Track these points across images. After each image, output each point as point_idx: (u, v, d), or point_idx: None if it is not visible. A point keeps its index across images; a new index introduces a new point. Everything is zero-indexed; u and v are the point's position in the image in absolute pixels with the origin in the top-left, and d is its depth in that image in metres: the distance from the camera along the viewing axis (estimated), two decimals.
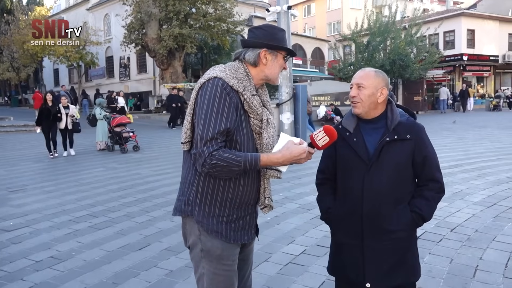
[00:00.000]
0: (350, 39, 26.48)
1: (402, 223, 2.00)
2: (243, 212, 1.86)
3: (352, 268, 2.05)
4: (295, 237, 4.49)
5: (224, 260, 1.80)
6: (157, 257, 4.03)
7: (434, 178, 2.05)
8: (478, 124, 17.94)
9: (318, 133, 1.87)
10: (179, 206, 1.86)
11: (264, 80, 1.92)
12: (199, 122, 1.71)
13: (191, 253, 1.87)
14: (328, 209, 2.14)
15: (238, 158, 1.68)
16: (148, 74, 30.84)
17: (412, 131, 2.01)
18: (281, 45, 1.89)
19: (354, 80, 2.04)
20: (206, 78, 1.77)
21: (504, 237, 4.44)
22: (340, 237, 2.11)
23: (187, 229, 1.85)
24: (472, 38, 33.43)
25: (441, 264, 3.76)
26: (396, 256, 2.01)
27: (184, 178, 1.87)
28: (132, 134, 11.32)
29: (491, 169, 8.11)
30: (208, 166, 1.67)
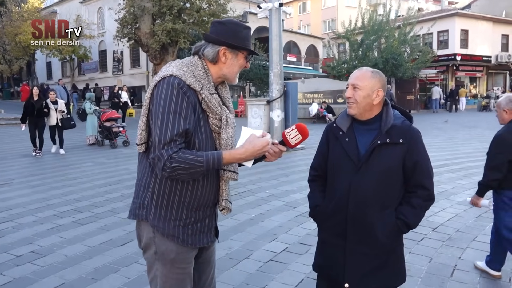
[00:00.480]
0: (344, 37, 26.50)
1: (386, 230, 1.96)
2: (202, 214, 1.80)
3: (333, 267, 2.05)
4: (278, 234, 4.51)
5: (178, 264, 1.75)
6: (138, 253, 3.99)
7: (423, 185, 1.98)
8: (469, 124, 18.07)
9: (290, 131, 1.83)
10: (134, 209, 1.80)
11: (222, 78, 1.83)
12: (156, 124, 1.62)
13: (144, 254, 1.83)
14: (316, 206, 2.13)
15: (200, 158, 1.61)
16: (142, 68, 30.68)
17: (406, 135, 1.96)
18: (243, 45, 1.78)
19: (350, 81, 2.00)
20: (161, 76, 1.67)
21: (485, 237, 4.47)
22: (325, 235, 2.12)
23: (141, 230, 1.80)
24: (466, 38, 33.61)
25: (420, 263, 3.79)
26: (378, 260, 1.98)
27: (139, 180, 1.79)
28: (122, 129, 11.27)
29: (478, 169, 8.16)
30: (168, 170, 1.59)
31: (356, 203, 1.96)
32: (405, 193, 2.02)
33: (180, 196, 1.72)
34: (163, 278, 1.75)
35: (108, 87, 32.16)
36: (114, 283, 3.39)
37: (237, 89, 26.16)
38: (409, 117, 2.08)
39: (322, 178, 2.16)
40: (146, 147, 1.74)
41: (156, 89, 1.66)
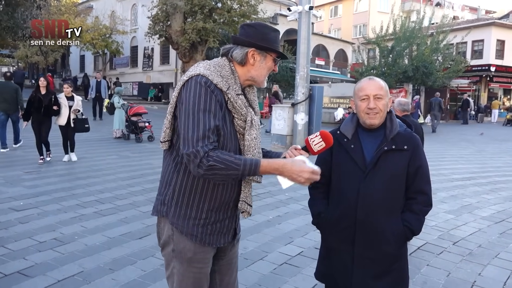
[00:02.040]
0: (374, 42, 26.10)
1: (393, 235, 2.01)
2: (222, 215, 1.79)
3: (341, 274, 2.06)
4: (294, 238, 4.50)
5: (195, 263, 1.74)
6: (155, 247, 4.08)
7: (423, 191, 2.06)
8: (499, 138, 17.52)
9: (314, 137, 1.81)
10: (156, 206, 1.81)
11: (250, 81, 1.82)
12: (187, 121, 1.61)
13: (162, 251, 1.83)
14: (320, 213, 2.14)
15: (237, 161, 1.57)
16: (171, 66, 31.14)
17: (410, 142, 2.04)
18: (272, 46, 1.78)
19: (369, 92, 1.99)
20: (189, 75, 1.68)
21: (508, 254, 4.35)
22: (331, 242, 2.11)
23: (161, 227, 1.81)
24: (502, 49, 32.58)
25: (438, 277, 3.71)
26: (384, 266, 2.02)
27: (162, 177, 1.80)
28: (148, 124, 11.47)
29: (505, 184, 7.94)
30: (204, 167, 1.55)
31: (364, 209, 1.99)
32: (406, 200, 2.07)
33: (201, 195, 1.72)
34: (179, 277, 1.75)
35: (137, 82, 32.83)
36: (130, 274, 3.47)
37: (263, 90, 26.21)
38: (408, 125, 2.15)
39: (324, 185, 2.16)
40: (169, 145, 1.75)
41: (184, 88, 1.66)
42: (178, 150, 1.70)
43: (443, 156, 11.32)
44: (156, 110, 24.07)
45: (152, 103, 28.62)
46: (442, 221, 5.38)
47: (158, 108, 25.66)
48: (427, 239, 4.64)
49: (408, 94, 25.03)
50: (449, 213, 5.76)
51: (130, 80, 34.02)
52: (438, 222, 5.33)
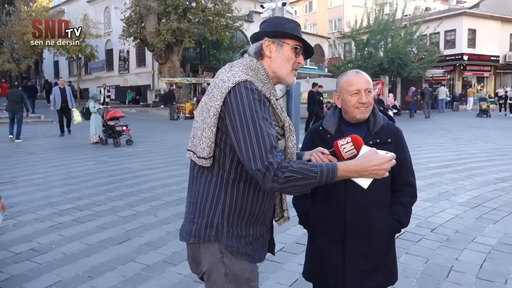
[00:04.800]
0: (349, 36, 26.40)
1: (384, 230, 2.00)
2: (264, 228, 1.71)
3: (332, 274, 2.02)
4: (275, 234, 4.49)
5: (252, 282, 1.63)
6: (135, 251, 4.05)
7: (409, 183, 2.05)
8: (475, 125, 17.95)
9: (345, 144, 1.69)
10: (195, 230, 1.60)
11: (276, 79, 1.66)
12: (248, 132, 1.45)
13: (208, 280, 1.63)
14: (308, 213, 2.10)
15: (313, 168, 1.45)
16: (147, 68, 30.83)
17: (393, 135, 2.02)
18: (285, 31, 1.63)
19: (360, 86, 1.94)
20: (234, 81, 1.51)
21: (484, 238, 4.46)
22: (320, 242, 2.07)
23: (200, 252, 1.62)
24: (473, 38, 33.38)
25: (416, 264, 3.78)
26: (375, 261, 2.01)
27: (198, 197, 1.62)
28: (125, 128, 11.33)
29: (481, 170, 8.13)
30: (280, 181, 1.42)
31: (353, 206, 1.96)
32: (392, 192, 2.05)
33: (251, 209, 1.61)
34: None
35: (114, 86, 32.37)
36: (109, 281, 3.42)
37: None
38: (390, 118, 2.13)
39: None
40: (212, 162, 1.58)
41: (233, 96, 1.50)
42: (223, 166, 1.57)
43: (420, 145, 11.52)
44: (134, 113, 23.85)
45: (130, 106, 28.28)
46: (420, 209, 5.47)
47: (136, 111, 25.40)
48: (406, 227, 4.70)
49: (385, 86, 25.41)
50: (427, 201, 5.87)
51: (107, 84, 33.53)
52: (417, 210, 5.41)
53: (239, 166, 1.57)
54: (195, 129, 1.63)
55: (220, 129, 1.54)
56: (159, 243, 4.25)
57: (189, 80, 22.40)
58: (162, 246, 4.18)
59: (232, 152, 1.55)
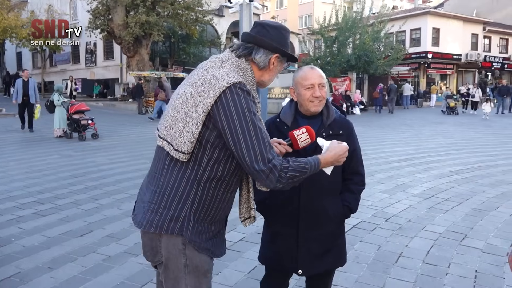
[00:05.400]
0: (318, 33, 26.77)
1: (334, 215, 2.15)
2: (222, 225, 1.78)
3: (286, 256, 2.16)
4: (237, 225, 4.62)
5: (209, 273, 1.70)
6: (97, 243, 4.08)
7: (358, 172, 2.22)
8: (436, 121, 18.65)
9: (301, 134, 1.86)
10: (157, 221, 1.61)
11: (260, 84, 1.76)
12: (247, 136, 1.51)
13: (166, 270, 1.66)
14: (265, 200, 2.20)
15: (305, 165, 1.62)
16: (115, 61, 30.22)
17: (344, 128, 2.17)
18: (292, 53, 1.76)
19: (314, 81, 2.06)
20: (229, 82, 1.54)
21: (433, 226, 4.73)
22: (276, 227, 2.20)
23: (161, 242, 1.63)
24: (437, 37, 34.49)
25: (369, 251, 3.99)
26: (326, 245, 2.16)
27: (167, 188, 1.62)
28: (91, 121, 11.16)
29: (437, 163, 8.53)
30: (284, 181, 1.55)
31: (307, 193, 2.09)
32: (343, 181, 2.21)
33: (218, 207, 1.67)
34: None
35: (80, 79, 31.55)
36: (70, 272, 3.44)
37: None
38: (342, 111, 2.28)
39: None
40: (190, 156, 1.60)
41: (231, 97, 1.53)
42: (200, 162, 1.59)
43: (383, 140, 11.91)
44: (102, 107, 23.41)
45: (97, 100, 27.69)
46: (377, 200, 5.73)
47: (103, 104, 24.90)
48: (362, 217, 4.93)
49: (352, 82, 25.95)
50: (384, 193, 6.14)
51: (74, 77, 32.60)
52: (374, 201, 5.67)
53: (215, 164, 1.60)
54: (174, 119, 1.60)
55: (205, 126, 1.55)
56: (122, 235, 4.29)
57: (158, 74, 22.14)
58: (125, 238, 4.22)
59: (212, 149, 1.58)
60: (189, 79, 1.68)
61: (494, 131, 14.56)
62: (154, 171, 1.70)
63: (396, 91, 24.30)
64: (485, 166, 8.25)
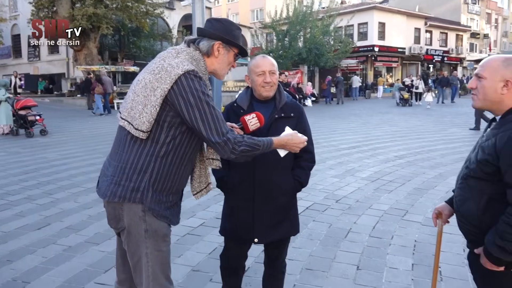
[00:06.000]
0: (270, 27, 27.12)
1: (286, 189, 2.38)
2: (178, 197, 1.96)
3: (243, 227, 2.37)
4: (196, 212, 4.78)
5: (167, 237, 1.88)
6: (56, 235, 4.08)
7: (309, 150, 2.43)
8: (383, 110, 19.60)
9: (251, 118, 2.08)
10: (120, 192, 1.79)
11: (212, 73, 1.94)
12: (204, 113, 1.72)
13: (128, 235, 1.83)
14: (223, 177, 2.41)
15: (259, 142, 1.84)
16: (61, 55, 28.98)
17: (295, 111, 2.40)
18: (237, 42, 1.93)
19: (265, 68, 2.26)
20: (184, 69, 1.74)
21: (379, 205, 5.13)
22: (234, 201, 2.41)
23: (123, 210, 1.81)
24: (383, 31, 36.01)
25: (321, 229, 4.29)
26: (279, 215, 2.39)
27: (128, 163, 1.80)
28: (38, 117, 10.77)
29: (383, 150, 9.07)
30: (237, 152, 1.77)
31: (262, 170, 2.30)
32: (294, 158, 2.44)
33: (174, 179, 1.85)
34: (155, 253, 1.84)
35: (23, 74, 30.00)
36: (30, 263, 3.45)
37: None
38: (294, 96, 2.52)
39: None
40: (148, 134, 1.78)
41: (185, 83, 1.73)
42: (157, 139, 1.77)
43: (334, 130, 12.42)
44: (48, 103, 22.47)
45: (43, 96, 26.49)
46: (328, 184, 6.08)
47: (50, 100, 23.90)
48: (314, 200, 5.25)
49: (304, 75, 26.57)
50: (335, 177, 6.51)
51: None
52: (325, 185, 6.02)
53: (171, 141, 1.79)
54: (135, 102, 1.78)
55: (162, 108, 1.74)
56: (81, 226, 4.31)
57: (107, 68, 21.56)
58: (84, 229, 4.25)
59: (168, 128, 1.77)
60: (148, 67, 1.87)
61: (434, 119, 15.56)
62: (116, 148, 1.88)
63: (343, 83, 25.25)
64: (425, 151, 8.89)
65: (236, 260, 2.54)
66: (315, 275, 3.30)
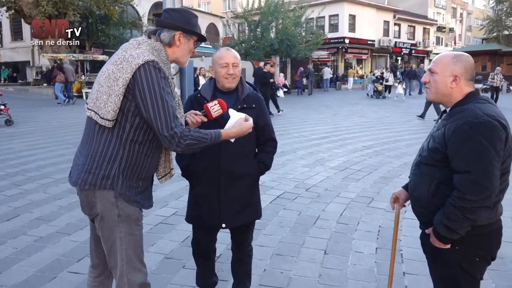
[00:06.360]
0: (242, 17, 27.02)
1: (251, 174, 2.50)
2: (149, 183, 2.05)
3: (210, 214, 2.46)
4: (169, 201, 4.84)
5: (139, 221, 1.98)
6: (26, 226, 4.06)
7: (271, 138, 2.61)
8: (352, 102, 20.01)
9: (213, 105, 2.18)
10: (91, 179, 1.87)
11: (174, 61, 2.03)
12: (156, 105, 1.79)
13: (101, 220, 1.92)
14: (188, 165, 2.49)
15: (206, 136, 1.90)
16: (25, 42, 27.92)
17: (256, 102, 2.51)
18: (196, 30, 2.02)
19: (229, 60, 2.36)
20: (144, 60, 1.81)
21: (346, 193, 5.33)
22: (200, 189, 2.49)
23: (95, 197, 1.89)
24: (353, 23, 36.53)
25: (291, 217, 4.44)
26: (244, 201, 2.50)
27: (97, 152, 1.88)
28: (3, 107, 10.44)
29: (352, 140, 9.34)
30: (182, 146, 1.83)
31: (226, 157, 2.40)
32: (258, 145, 2.59)
33: (142, 166, 1.94)
34: (129, 237, 1.92)
35: None
36: (0, 254, 3.43)
37: None
38: (254, 88, 2.65)
39: None
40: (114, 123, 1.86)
41: (143, 73, 1.80)
42: (124, 128, 1.85)
43: (305, 120, 12.63)
44: (12, 92, 21.70)
45: (6, 84, 25.53)
46: (299, 173, 6.24)
47: (14, 89, 23.08)
48: (285, 189, 5.40)
49: (276, 66, 26.68)
50: (305, 167, 6.69)
51: None
52: (296, 175, 6.18)
53: (137, 129, 1.87)
54: (100, 92, 1.86)
55: (125, 97, 1.82)
56: (52, 217, 4.30)
57: (75, 56, 20.97)
58: (55, 219, 4.24)
59: (133, 117, 1.85)
60: (112, 58, 1.96)
61: (402, 111, 16.04)
62: (86, 138, 1.96)
63: (314, 74, 25.65)
64: (392, 141, 9.21)
65: (207, 245, 2.65)
66: (285, 260, 3.44)
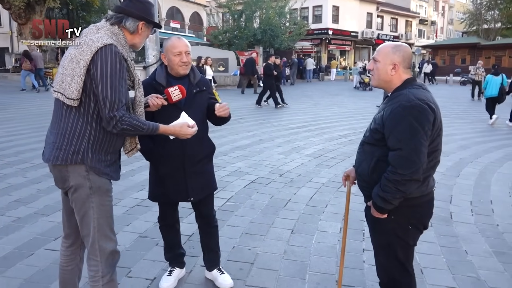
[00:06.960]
0: (225, 6, 26.96)
1: (206, 151, 2.75)
2: (117, 156, 2.22)
3: (177, 190, 2.68)
4: (145, 185, 4.94)
5: (110, 192, 2.15)
6: (5, 208, 4.16)
7: None
8: (334, 93, 20.30)
9: (174, 90, 2.40)
10: (63, 155, 2.03)
11: (132, 46, 2.21)
12: (105, 87, 1.95)
13: (74, 192, 2.07)
14: (151, 150, 2.63)
15: (143, 125, 2.07)
16: (3, 28, 27.41)
17: (206, 85, 2.74)
18: (155, 20, 2.25)
19: (182, 49, 2.51)
20: (102, 43, 1.97)
21: (318, 178, 5.56)
22: (165, 170, 2.66)
23: (68, 172, 2.05)
24: (337, 14, 36.77)
25: (263, 200, 4.64)
26: (205, 175, 2.75)
27: (66, 130, 2.04)
28: None
29: (329, 129, 9.58)
30: (118, 129, 1.99)
31: (189, 140, 2.50)
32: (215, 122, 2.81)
33: (110, 141, 2.10)
34: (100, 207, 2.09)
35: None
36: None
37: None
38: (201, 73, 2.82)
39: None
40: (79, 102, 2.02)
41: (100, 55, 1.96)
42: (88, 106, 2.01)
43: (285, 110, 12.84)
44: None
45: None
46: (274, 160, 6.45)
47: None
48: (260, 174, 5.60)
49: (259, 56, 26.75)
50: (281, 154, 6.90)
51: None
52: (271, 161, 6.38)
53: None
54: (64, 75, 2.02)
55: (87, 78, 1.98)
56: (30, 199, 4.41)
57: (55, 43, 20.65)
58: (33, 202, 4.35)
59: (95, 96, 2.01)
60: (73, 44, 2.16)
61: (380, 102, 16.36)
62: (55, 119, 2.12)
63: (297, 65, 25.86)
64: None
65: (172, 217, 2.89)
66: (253, 238, 3.65)
